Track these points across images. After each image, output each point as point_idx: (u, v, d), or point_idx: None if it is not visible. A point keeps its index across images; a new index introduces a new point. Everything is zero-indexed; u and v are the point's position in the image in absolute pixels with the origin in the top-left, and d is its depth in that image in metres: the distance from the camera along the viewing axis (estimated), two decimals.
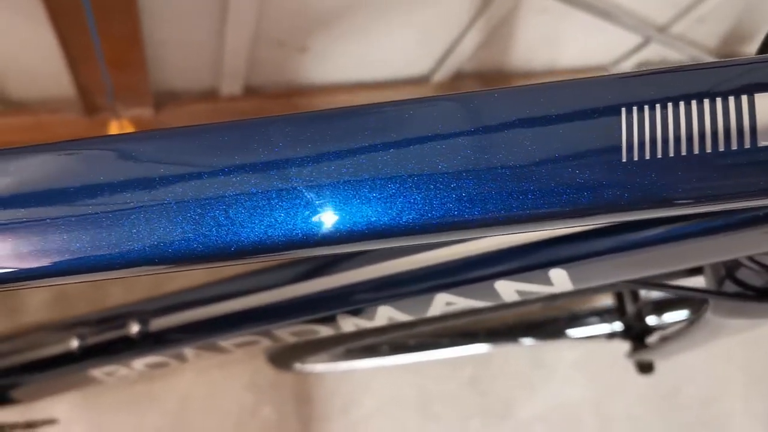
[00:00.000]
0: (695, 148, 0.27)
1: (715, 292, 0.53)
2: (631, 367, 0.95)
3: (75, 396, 1.34)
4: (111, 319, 0.66)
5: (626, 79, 0.29)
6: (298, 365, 0.99)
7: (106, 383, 0.70)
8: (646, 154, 0.28)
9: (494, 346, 1.03)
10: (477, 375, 1.53)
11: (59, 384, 0.74)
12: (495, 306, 0.55)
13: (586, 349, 1.55)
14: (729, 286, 0.51)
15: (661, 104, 0.28)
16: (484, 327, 0.98)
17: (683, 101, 0.28)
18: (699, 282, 0.60)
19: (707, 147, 0.27)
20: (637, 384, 1.43)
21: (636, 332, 0.90)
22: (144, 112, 1.39)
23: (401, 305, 0.54)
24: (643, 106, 0.28)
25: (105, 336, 0.66)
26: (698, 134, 0.27)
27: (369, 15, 1.33)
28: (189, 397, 1.42)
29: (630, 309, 0.90)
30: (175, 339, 0.62)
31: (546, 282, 0.48)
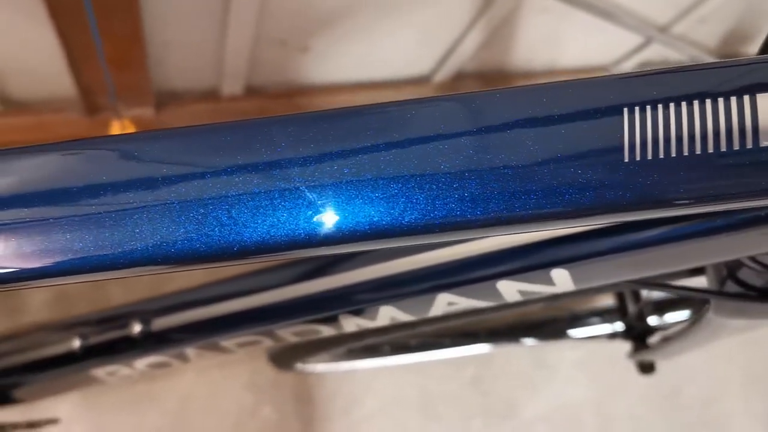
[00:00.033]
0: (697, 149, 0.27)
1: (717, 293, 0.53)
2: (633, 368, 0.95)
3: (75, 396, 1.34)
4: (113, 319, 0.66)
5: (628, 79, 0.29)
6: (300, 365, 0.99)
7: (108, 383, 0.70)
8: (649, 154, 0.28)
9: (496, 347, 1.03)
10: (479, 375, 1.53)
11: (61, 384, 0.74)
12: (497, 306, 0.55)
13: (588, 350, 1.55)
14: (731, 287, 0.51)
15: (663, 104, 0.28)
16: (486, 327, 0.98)
17: (685, 101, 0.28)
18: (700, 282, 0.60)
19: (709, 147, 0.27)
20: (639, 384, 1.43)
21: (637, 332, 0.90)
22: (145, 112, 1.39)
23: (403, 305, 0.54)
24: (646, 106, 0.28)
25: (107, 336, 0.66)
26: (700, 134, 0.27)
27: (370, 15, 1.33)
28: (189, 397, 1.42)
29: (631, 309, 0.90)
30: (177, 339, 0.62)
31: (548, 282, 0.48)
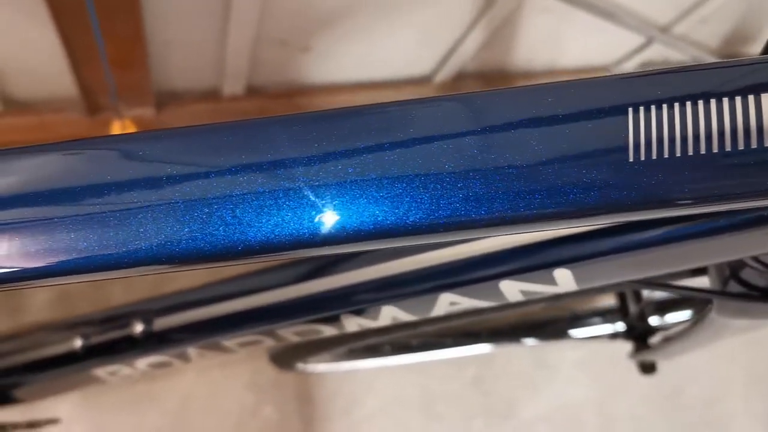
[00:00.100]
0: (702, 148, 0.27)
1: (720, 293, 0.53)
2: (634, 368, 0.94)
3: (76, 395, 1.34)
4: (114, 319, 0.66)
5: (633, 79, 0.29)
6: (301, 365, 0.99)
7: (109, 383, 0.70)
8: (653, 154, 0.28)
9: (497, 347, 1.03)
10: (480, 375, 1.53)
11: (62, 383, 0.74)
12: (499, 306, 0.55)
13: (589, 350, 1.55)
14: (733, 287, 0.51)
15: (668, 104, 0.28)
16: (487, 327, 0.98)
17: (690, 101, 0.28)
18: (702, 282, 0.60)
19: (714, 147, 0.27)
20: (640, 384, 1.43)
21: (638, 332, 0.90)
22: (146, 112, 1.39)
23: (405, 305, 0.54)
24: (650, 106, 0.28)
25: (108, 335, 0.66)
26: (705, 134, 0.27)
27: (371, 15, 1.33)
28: (190, 397, 1.42)
29: (632, 309, 0.90)
30: (179, 339, 0.62)
31: (550, 282, 0.48)
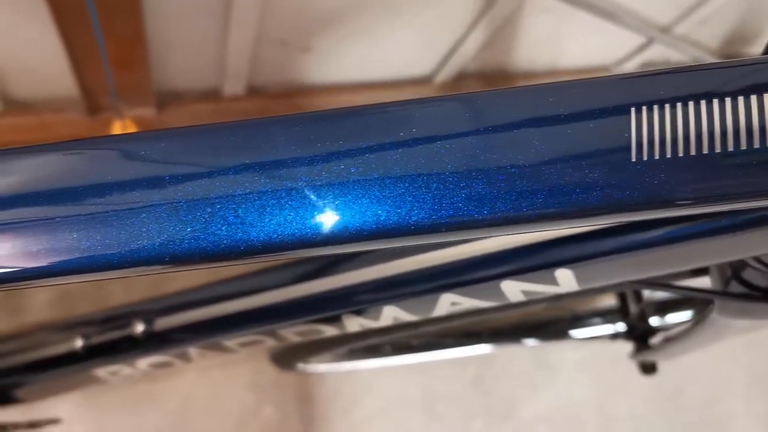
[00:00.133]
0: (704, 148, 0.27)
1: (721, 293, 0.53)
2: (635, 368, 0.94)
3: (76, 395, 1.34)
4: (115, 319, 0.66)
5: (635, 79, 0.29)
6: (301, 365, 0.99)
7: (110, 383, 0.70)
8: (656, 154, 0.28)
9: (497, 347, 1.03)
10: (480, 375, 1.53)
11: (63, 383, 0.74)
12: (500, 306, 0.55)
13: (589, 350, 1.55)
14: (735, 287, 0.51)
15: (670, 104, 0.28)
16: (488, 327, 0.98)
17: (692, 101, 0.28)
18: (704, 282, 0.60)
19: (716, 147, 0.27)
20: (641, 384, 1.43)
21: (639, 333, 0.90)
22: (147, 112, 1.39)
23: (406, 305, 0.54)
24: (653, 106, 0.28)
25: (109, 335, 0.66)
26: (707, 134, 0.27)
27: (372, 15, 1.33)
28: (191, 397, 1.42)
29: (633, 310, 0.90)
30: (180, 339, 0.62)
31: (552, 282, 0.48)
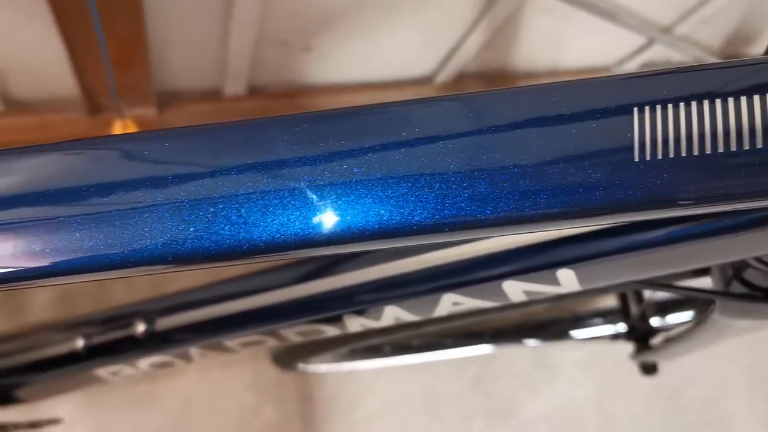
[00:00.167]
0: (707, 148, 0.27)
1: (723, 293, 0.53)
2: (635, 368, 0.95)
3: (77, 395, 1.34)
4: (116, 319, 0.66)
5: (638, 79, 0.29)
6: (302, 365, 0.99)
7: (111, 383, 0.70)
8: (659, 154, 0.28)
9: (498, 347, 1.03)
10: (481, 375, 1.53)
11: (64, 383, 0.74)
12: (502, 306, 0.55)
13: (590, 350, 1.55)
14: (736, 287, 0.51)
15: (674, 104, 0.28)
16: (489, 327, 0.98)
17: (695, 101, 0.28)
18: (705, 283, 0.60)
19: (719, 147, 0.27)
20: (641, 385, 1.43)
21: (640, 333, 0.90)
22: (147, 112, 1.39)
23: (408, 305, 0.54)
24: (656, 106, 0.28)
25: (110, 335, 0.66)
26: (710, 134, 0.27)
27: (373, 15, 1.33)
28: (191, 397, 1.42)
29: (634, 310, 0.90)
30: (181, 339, 0.62)
31: (554, 282, 0.48)
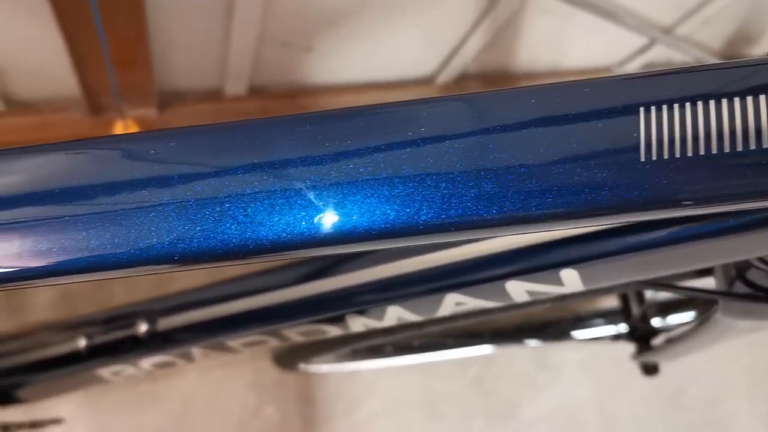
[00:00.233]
0: (713, 148, 0.27)
1: (726, 293, 0.53)
2: (636, 369, 0.94)
3: (78, 395, 1.34)
4: (118, 319, 0.66)
5: (644, 79, 0.29)
6: (303, 365, 0.99)
7: (113, 383, 0.70)
8: (665, 154, 0.28)
9: (499, 347, 1.03)
10: (481, 375, 1.53)
11: (66, 383, 0.74)
12: (504, 306, 0.55)
13: (591, 351, 1.55)
14: (739, 287, 0.51)
15: (680, 104, 0.28)
16: (490, 328, 0.98)
17: (702, 101, 0.28)
18: (708, 283, 0.60)
19: (725, 146, 0.27)
20: (642, 385, 1.43)
21: (641, 334, 0.90)
22: (149, 112, 1.39)
23: (411, 305, 0.54)
24: (662, 106, 0.28)
25: (112, 335, 0.66)
26: (716, 134, 0.27)
27: (374, 15, 1.33)
28: (192, 397, 1.42)
29: (635, 311, 0.90)
30: (183, 338, 0.62)
31: (557, 282, 0.48)
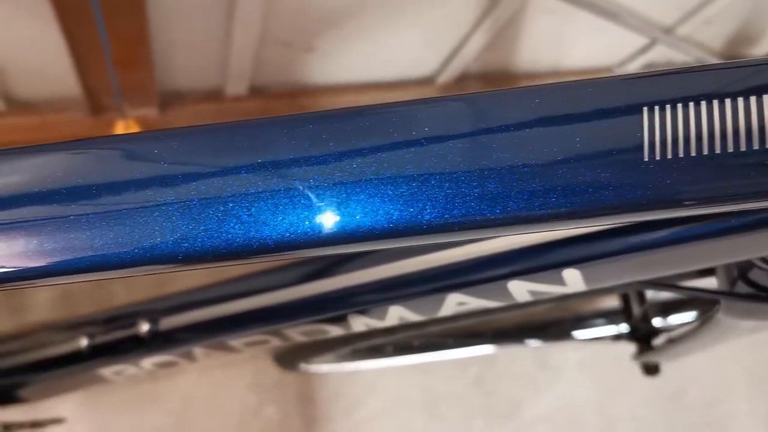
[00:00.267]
0: (717, 148, 0.27)
1: (728, 293, 0.53)
2: (636, 369, 0.94)
3: (78, 395, 1.34)
4: (120, 319, 0.66)
5: (647, 79, 0.29)
6: (304, 365, 0.99)
7: (114, 382, 0.70)
8: (668, 153, 0.28)
9: (500, 347, 1.03)
10: (482, 375, 1.53)
11: (67, 383, 0.74)
12: (506, 306, 0.55)
13: (591, 351, 1.55)
14: (741, 287, 0.51)
15: (683, 103, 0.28)
16: (491, 328, 0.98)
17: (705, 100, 0.28)
18: (709, 283, 0.60)
19: (729, 146, 0.27)
20: (642, 385, 1.43)
21: (642, 334, 0.90)
22: (149, 112, 1.39)
23: (413, 305, 0.54)
24: (665, 106, 0.28)
25: (114, 335, 0.66)
26: (720, 133, 0.27)
27: (375, 15, 1.33)
28: (192, 397, 1.42)
29: (636, 311, 0.90)
30: (185, 338, 0.62)
31: (559, 282, 0.48)
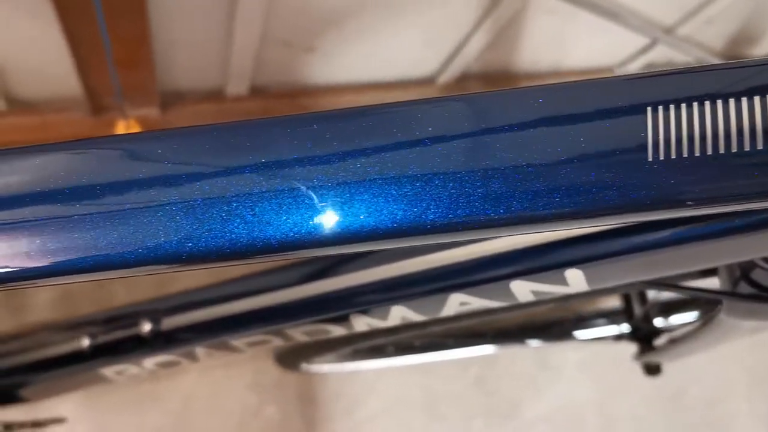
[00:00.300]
0: (721, 148, 0.27)
1: (730, 294, 0.53)
2: (637, 369, 0.94)
3: (79, 395, 1.34)
4: (122, 318, 0.66)
5: (652, 78, 0.29)
6: (305, 365, 0.99)
7: (116, 382, 0.70)
8: (672, 153, 0.28)
9: (500, 348, 1.03)
10: (482, 375, 1.53)
11: (69, 383, 0.74)
12: (509, 306, 0.55)
13: (591, 351, 1.55)
14: (744, 288, 0.51)
15: (687, 103, 0.28)
16: (491, 328, 0.98)
17: (709, 100, 0.28)
18: (712, 283, 0.60)
19: (733, 146, 0.27)
20: (642, 385, 1.43)
21: (643, 334, 0.90)
22: (150, 112, 1.39)
23: (415, 305, 0.54)
24: (669, 105, 0.28)
25: (116, 335, 0.66)
26: (724, 133, 0.27)
27: (376, 15, 1.33)
28: (192, 397, 1.42)
29: (637, 311, 0.90)
30: (187, 338, 0.62)
31: (562, 282, 0.48)
